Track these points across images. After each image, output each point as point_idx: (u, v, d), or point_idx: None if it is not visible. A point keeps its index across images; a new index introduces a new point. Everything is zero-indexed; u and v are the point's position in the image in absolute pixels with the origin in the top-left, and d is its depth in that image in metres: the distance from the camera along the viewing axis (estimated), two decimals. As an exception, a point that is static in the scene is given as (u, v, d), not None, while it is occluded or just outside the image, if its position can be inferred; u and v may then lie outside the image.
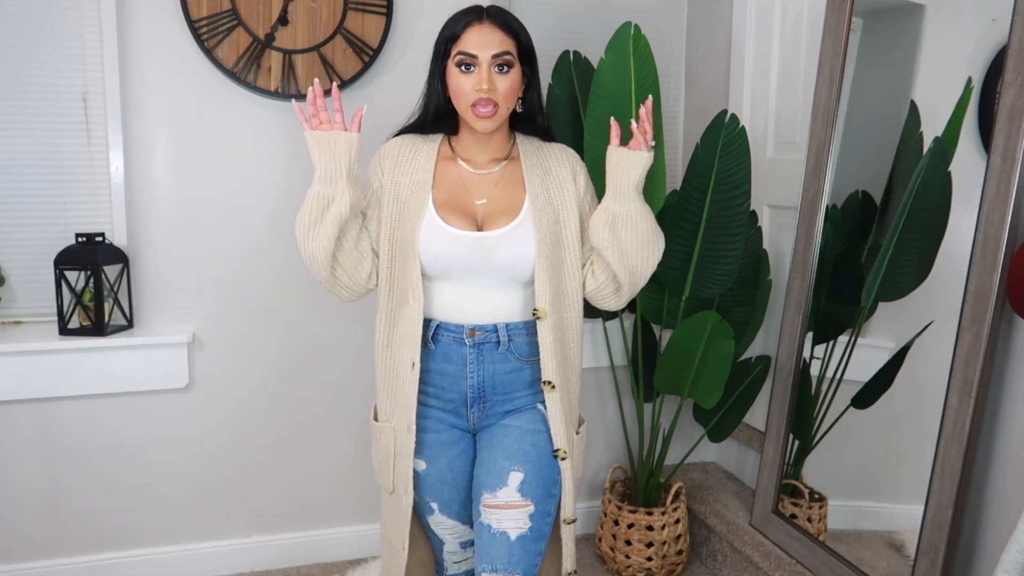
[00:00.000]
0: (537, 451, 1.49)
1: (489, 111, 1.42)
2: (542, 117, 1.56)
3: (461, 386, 1.50)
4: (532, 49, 1.49)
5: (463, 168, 1.51)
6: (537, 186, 1.49)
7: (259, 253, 2.33)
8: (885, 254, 1.90)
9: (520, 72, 1.46)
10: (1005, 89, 1.57)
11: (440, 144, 1.53)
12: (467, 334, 1.48)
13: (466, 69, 1.42)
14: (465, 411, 1.52)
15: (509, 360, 1.50)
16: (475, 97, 1.41)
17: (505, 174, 1.51)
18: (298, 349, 2.39)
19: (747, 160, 2.08)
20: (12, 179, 2.19)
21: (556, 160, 1.55)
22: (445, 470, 1.54)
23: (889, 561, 1.90)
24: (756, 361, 2.37)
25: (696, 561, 2.50)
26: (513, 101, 1.46)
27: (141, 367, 2.23)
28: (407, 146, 1.53)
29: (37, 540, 2.26)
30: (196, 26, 2.15)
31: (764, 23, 2.44)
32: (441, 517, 1.58)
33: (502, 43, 1.42)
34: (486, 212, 1.48)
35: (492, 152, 1.53)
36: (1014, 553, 1.28)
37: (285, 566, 2.46)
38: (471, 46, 1.41)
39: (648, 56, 2.09)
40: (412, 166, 1.50)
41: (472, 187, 1.50)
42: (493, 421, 1.54)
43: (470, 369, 1.49)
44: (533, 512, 1.47)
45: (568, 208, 1.51)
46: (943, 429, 1.67)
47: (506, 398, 1.52)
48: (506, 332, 1.49)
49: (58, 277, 2.15)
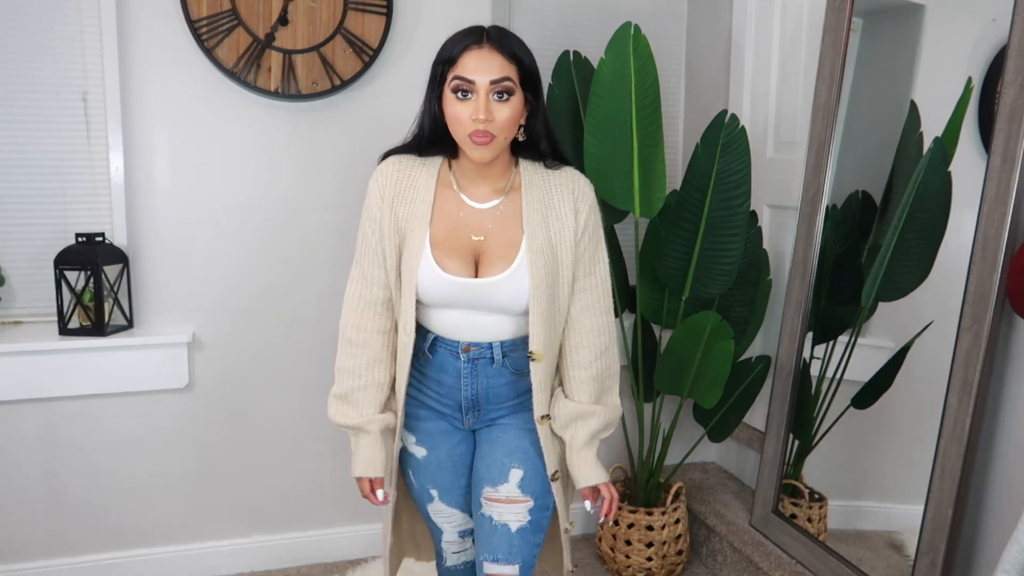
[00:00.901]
0: (536, 449, 1.52)
1: (486, 140, 1.34)
2: (547, 143, 1.47)
3: (456, 395, 1.52)
4: (536, 74, 1.40)
5: (462, 201, 1.45)
6: (536, 225, 1.43)
7: (259, 253, 2.33)
8: (885, 254, 1.90)
9: (522, 99, 1.38)
10: (1005, 89, 1.57)
11: (440, 169, 1.47)
12: (463, 349, 1.48)
13: (463, 96, 1.34)
14: (461, 416, 1.54)
15: (504, 373, 1.50)
16: (472, 128, 1.33)
17: (504, 209, 1.45)
18: (298, 349, 2.39)
19: (747, 160, 2.08)
20: (12, 179, 2.19)
21: (559, 192, 1.46)
22: (445, 456, 1.56)
23: (889, 561, 1.90)
24: (756, 361, 2.37)
25: (696, 561, 2.50)
26: (513, 131, 1.38)
27: (141, 367, 2.23)
28: (405, 172, 1.46)
29: (37, 540, 2.26)
30: (196, 26, 2.15)
31: (764, 23, 2.44)
32: (440, 505, 1.59)
33: (502, 68, 1.33)
34: (483, 250, 1.44)
35: (492, 181, 1.46)
36: (1014, 553, 1.28)
37: (285, 566, 2.46)
38: (468, 71, 1.33)
39: (648, 56, 2.09)
40: (411, 195, 1.44)
41: (471, 222, 1.44)
42: (490, 422, 1.56)
43: (464, 382, 1.50)
44: (532, 507, 1.51)
45: (565, 245, 1.45)
46: (943, 429, 1.67)
47: (501, 405, 1.54)
48: (500, 349, 1.48)
49: (58, 277, 2.15)
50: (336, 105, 2.33)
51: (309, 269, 2.36)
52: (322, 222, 2.35)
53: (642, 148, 2.11)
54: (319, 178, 2.34)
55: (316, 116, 2.32)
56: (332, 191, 2.35)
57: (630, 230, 2.52)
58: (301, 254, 2.36)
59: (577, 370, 1.50)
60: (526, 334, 1.48)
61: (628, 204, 2.15)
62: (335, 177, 2.35)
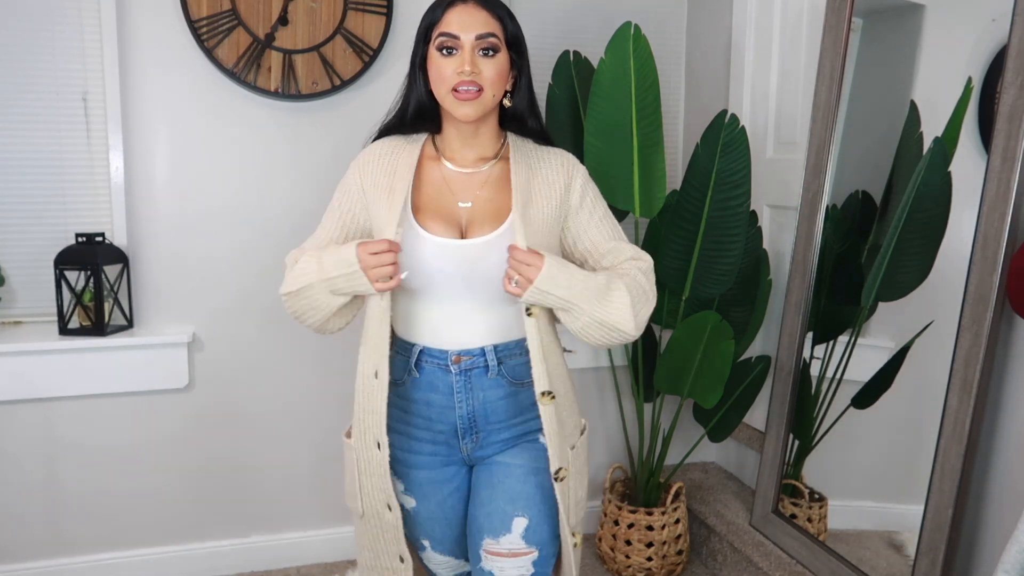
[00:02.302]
0: (542, 493, 1.38)
1: (471, 94, 1.29)
2: (534, 119, 1.42)
3: (450, 416, 1.37)
4: (520, 36, 1.37)
5: (446, 168, 1.39)
6: (526, 190, 1.35)
7: (259, 253, 2.33)
8: (885, 254, 1.90)
9: (507, 59, 1.34)
10: (1005, 89, 1.57)
11: (424, 144, 1.42)
12: (452, 360, 1.35)
13: (448, 52, 1.30)
14: (457, 442, 1.39)
15: (501, 385, 1.36)
16: (456, 80, 1.29)
17: (493, 174, 1.38)
18: (298, 349, 2.39)
19: (747, 160, 2.08)
20: (12, 179, 2.19)
21: (548, 164, 1.41)
22: (436, 509, 1.43)
23: (889, 561, 1.90)
24: (756, 361, 2.37)
25: (696, 561, 2.50)
26: (500, 88, 1.33)
27: (141, 367, 2.23)
28: (388, 149, 1.41)
29: (37, 540, 2.26)
30: (196, 26, 2.15)
31: (764, 23, 2.44)
32: (433, 554, 1.49)
33: (487, 24, 1.31)
34: (470, 217, 1.34)
35: (479, 150, 1.39)
36: (1014, 553, 1.28)
37: (285, 566, 2.46)
38: (453, 26, 1.30)
39: (648, 56, 2.09)
40: (392, 167, 1.39)
41: (456, 188, 1.37)
42: (490, 452, 1.40)
43: (458, 398, 1.36)
44: (537, 558, 1.37)
45: (555, 215, 1.37)
46: (943, 429, 1.67)
47: (502, 426, 1.39)
48: (495, 355, 1.35)
49: (58, 277, 2.15)
50: (336, 105, 2.33)
51: (309, 269, 2.36)
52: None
53: (642, 148, 2.11)
54: (319, 178, 2.34)
55: (316, 116, 2.32)
56: (332, 191, 2.34)
57: (630, 230, 2.51)
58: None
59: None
60: (521, 336, 1.37)
61: (628, 204, 2.15)
62: (335, 177, 2.33)
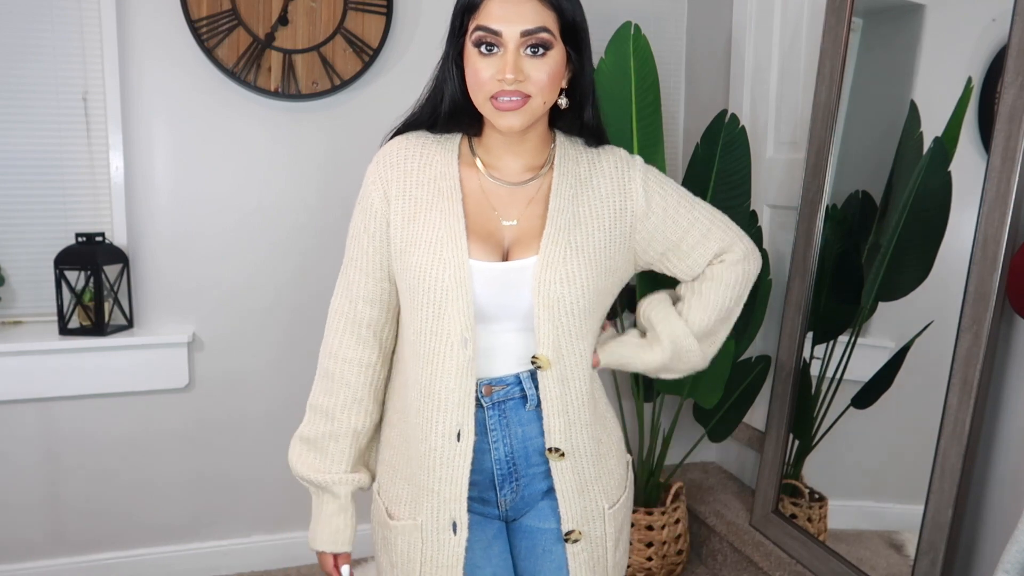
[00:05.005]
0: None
1: (515, 103, 1.05)
2: (591, 112, 1.17)
3: (485, 462, 1.16)
4: (581, 23, 1.10)
5: (486, 180, 1.16)
6: (566, 208, 1.14)
7: (259, 253, 2.33)
8: (885, 254, 1.90)
9: (563, 55, 1.08)
10: (1005, 89, 1.57)
11: (459, 145, 1.18)
12: (483, 392, 1.14)
13: (487, 50, 1.05)
14: (494, 494, 1.18)
15: (541, 418, 1.15)
16: (495, 88, 1.05)
17: (543, 188, 1.16)
18: (298, 349, 2.39)
19: (747, 160, 2.08)
20: (12, 179, 2.19)
21: (602, 172, 1.18)
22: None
23: (889, 561, 1.90)
24: (756, 361, 2.37)
25: (696, 561, 2.50)
26: (552, 94, 1.09)
27: (141, 367, 2.23)
28: (415, 149, 1.16)
29: (37, 540, 2.25)
30: (196, 26, 2.15)
31: (764, 23, 2.44)
32: None
33: (536, 15, 1.04)
34: (515, 237, 1.13)
35: (526, 159, 1.16)
36: (1014, 553, 1.28)
37: (285, 566, 2.46)
38: (493, 19, 1.04)
39: (648, 56, 2.09)
40: (429, 173, 1.15)
41: (499, 205, 1.15)
42: (529, 508, 1.20)
43: (492, 438, 1.15)
44: None
45: (609, 238, 1.16)
46: (943, 429, 1.67)
47: (543, 472, 1.18)
48: (531, 382, 1.15)
49: (58, 277, 2.15)
50: (336, 105, 2.33)
51: (309, 269, 2.36)
52: (321, 222, 2.35)
53: (642, 148, 2.11)
54: (319, 178, 2.34)
55: (316, 116, 2.32)
56: (332, 191, 2.35)
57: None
58: (301, 254, 2.36)
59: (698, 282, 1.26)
60: None
61: (628, 204, 2.15)
62: (335, 177, 2.35)
